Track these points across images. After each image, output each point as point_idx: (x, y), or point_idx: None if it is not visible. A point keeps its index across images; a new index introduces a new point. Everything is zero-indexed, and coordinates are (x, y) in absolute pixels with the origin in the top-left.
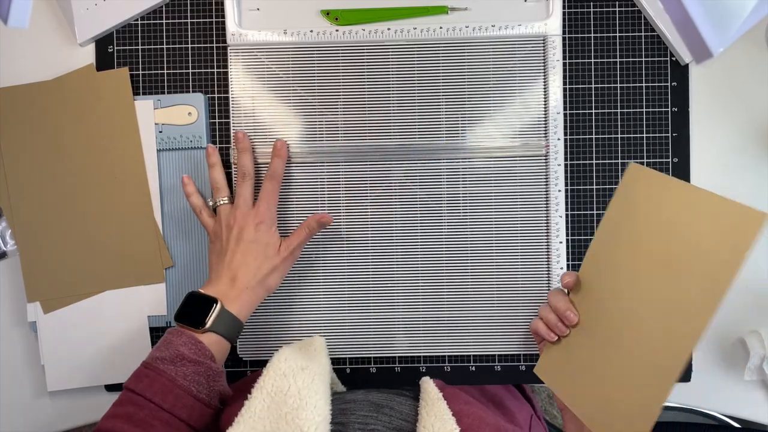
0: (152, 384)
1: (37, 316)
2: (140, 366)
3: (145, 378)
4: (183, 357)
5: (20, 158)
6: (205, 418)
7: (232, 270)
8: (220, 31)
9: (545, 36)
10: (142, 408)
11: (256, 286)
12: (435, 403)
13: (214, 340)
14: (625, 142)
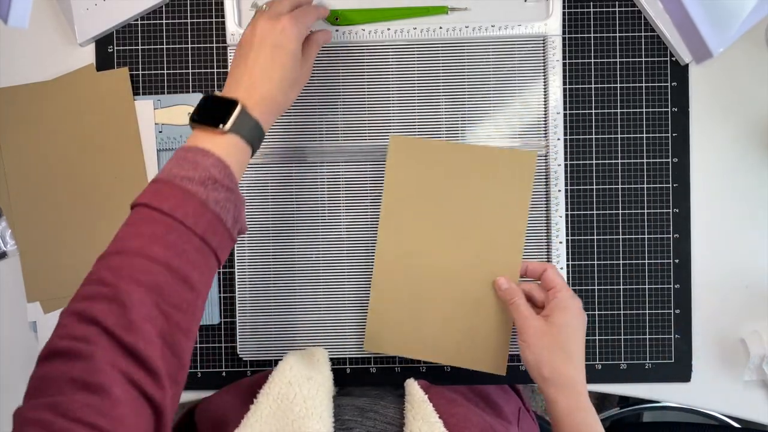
0: (183, 204)
1: (37, 315)
2: (157, 183)
3: (172, 197)
4: (215, 180)
5: (20, 158)
6: (226, 253)
7: (253, 77)
8: (220, 31)
9: (545, 36)
10: (172, 230)
11: (277, 95)
12: (420, 405)
13: (235, 146)
14: (624, 142)
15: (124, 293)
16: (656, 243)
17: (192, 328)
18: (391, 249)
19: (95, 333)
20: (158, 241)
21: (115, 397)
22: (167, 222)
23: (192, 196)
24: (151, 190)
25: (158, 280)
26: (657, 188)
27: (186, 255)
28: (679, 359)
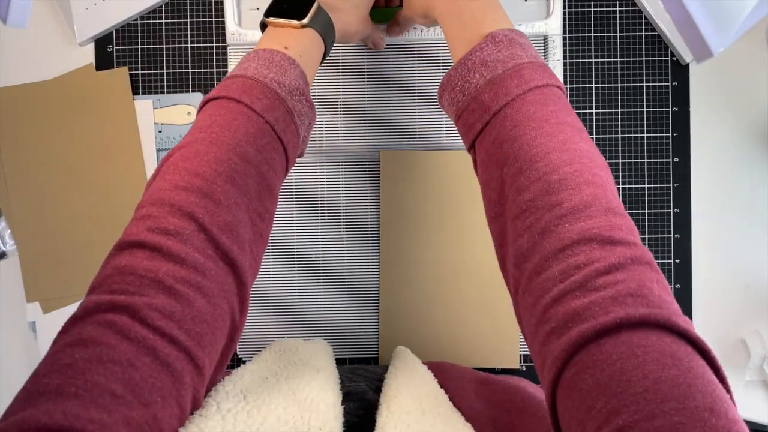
0: (273, 108)
1: (36, 316)
2: (246, 79)
3: (265, 98)
4: (302, 93)
5: (20, 158)
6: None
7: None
8: (220, 31)
9: (546, 35)
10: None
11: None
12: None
13: (312, 42)
14: (625, 142)
15: (219, 191)
16: (657, 243)
17: (267, 239)
18: (395, 260)
19: (192, 230)
20: (252, 142)
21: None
22: (260, 123)
23: (282, 103)
24: (239, 84)
25: (249, 184)
26: (658, 188)
27: (273, 163)
28: None
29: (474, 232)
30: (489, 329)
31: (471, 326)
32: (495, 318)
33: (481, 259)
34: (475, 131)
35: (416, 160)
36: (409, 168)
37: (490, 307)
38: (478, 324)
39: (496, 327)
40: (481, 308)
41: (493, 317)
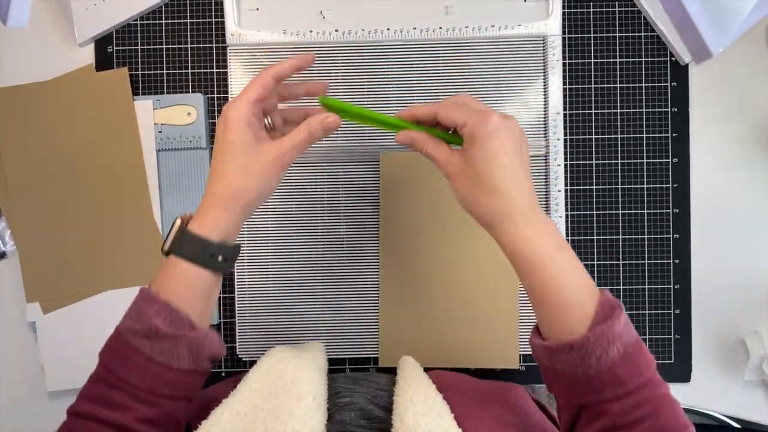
0: (125, 362)
1: (36, 316)
2: (113, 334)
3: (117, 355)
4: (157, 331)
5: (20, 158)
6: (197, 384)
7: (209, 179)
8: (220, 31)
9: (545, 36)
10: (117, 388)
11: (227, 200)
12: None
13: (179, 271)
14: (624, 143)
15: None
16: (656, 243)
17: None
18: (395, 260)
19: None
20: (105, 403)
21: None
22: (114, 380)
23: (134, 351)
24: (107, 343)
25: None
26: (657, 188)
27: (133, 412)
28: (679, 359)
29: (474, 233)
30: (489, 329)
31: (471, 326)
32: (495, 318)
33: (481, 259)
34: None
35: (416, 161)
36: (409, 169)
37: (491, 307)
38: (479, 324)
39: (497, 327)
40: (482, 308)
41: (493, 317)
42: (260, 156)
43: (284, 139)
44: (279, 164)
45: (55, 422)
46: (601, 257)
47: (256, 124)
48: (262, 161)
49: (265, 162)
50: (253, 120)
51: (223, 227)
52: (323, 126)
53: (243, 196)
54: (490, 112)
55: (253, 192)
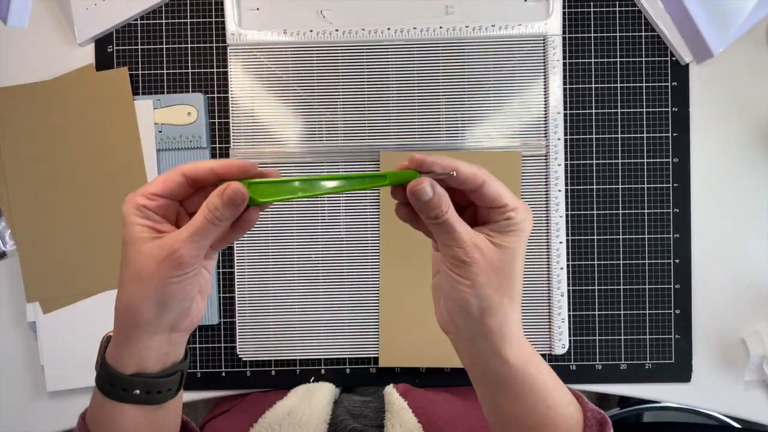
0: None
1: (36, 316)
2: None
3: None
4: None
5: (20, 158)
6: None
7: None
8: (220, 31)
9: (545, 36)
10: None
11: (124, 320)
12: (399, 413)
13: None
14: (625, 142)
15: None
16: (656, 243)
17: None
18: (395, 260)
19: None
20: None
21: None
22: None
23: None
24: None
25: None
26: (657, 188)
27: None
28: (680, 359)
29: None
30: None
31: None
32: None
33: None
34: None
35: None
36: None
37: None
38: None
39: None
40: None
41: None
42: (151, 255)
43: (181, 229)
44: (173, 262)
45: (55, 422)
46: (601, 257)
47: (154, 219)
48: (150, 261)
49: (154, 261)
50: (150, 214)
51: (131, 356)
52: (223, 199)
53: (137, 314)
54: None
55: (148, 306)
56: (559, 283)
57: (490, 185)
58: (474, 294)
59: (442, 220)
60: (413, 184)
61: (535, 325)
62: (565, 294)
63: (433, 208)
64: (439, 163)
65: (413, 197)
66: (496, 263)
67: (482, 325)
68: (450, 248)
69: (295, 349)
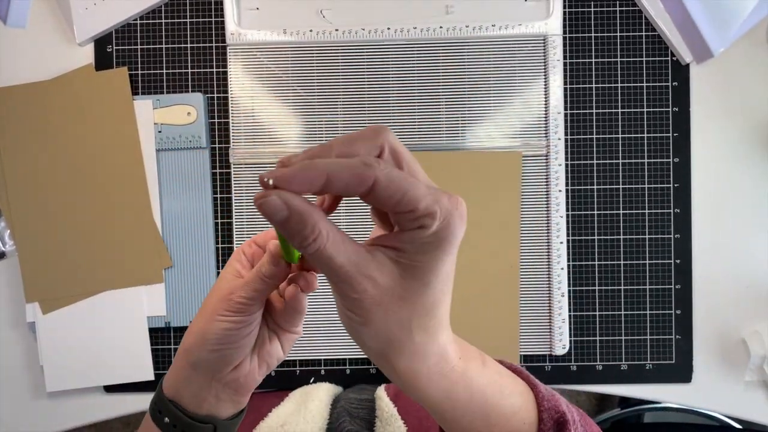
0: None
1: (35, 316)
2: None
3: None
4: None
5: (19, 158)
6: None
7: None
8: (220, 31)
9: (545, 36)
10: None
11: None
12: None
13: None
14: (625, 142)
15: None
16: (657, 243)
17: None
18: None
19: None
20: None
21: None
22: None
23: None
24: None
25: None
26: (658, 188)
27: None
28: (680, 360)
29: (473, 232)
30: (489, 329)
31: (470, 326)
32: (495, 318)
33: (480, 259)
34: None
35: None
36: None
37: (490, 307)
38: (478, 324)
39: (496, 327)
40: (481, 308)
41: (492, 317)
42: (218, 290)
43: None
44: (226, 301)
45: (55, 422)
46: (601, 257)
47: (245, 264)
48: (216, 296)
49: (217, 297)
50: (243, 259)
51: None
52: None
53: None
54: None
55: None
56: (560, 283)
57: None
58: (370, 334)
59: (313, 249)
60: (256, 197)
61: (536, 326)
62: (565, 294)
63: (294, 233)
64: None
65: (266, 217)
66: (398, 292)
67: (386, 365)
68: (331, 281)
69: (295, 350)
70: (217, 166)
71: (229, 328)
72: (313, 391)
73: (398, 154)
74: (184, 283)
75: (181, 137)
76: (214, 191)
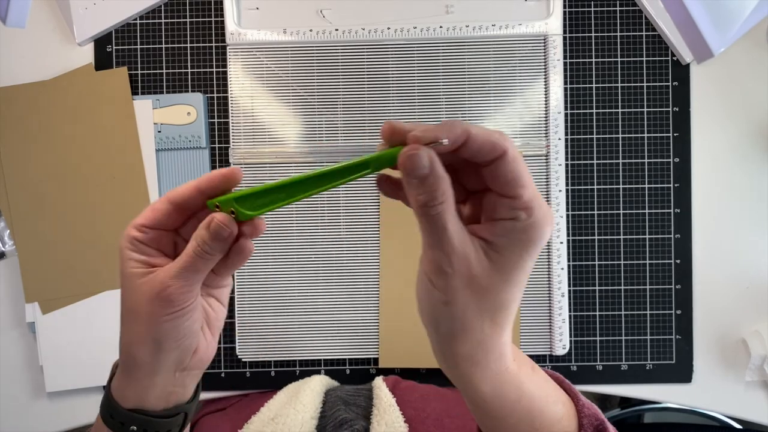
0: None
1: (35, 316)
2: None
3: None
4: None
5: (19, 158)
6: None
7: None
8: (219, 31)
9: (546, 35)
10: None
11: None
12: (387, 410)
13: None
14: (625, 142)
15: None
16: (657, 243)
17: None
18: (395, 260)
19: None
20: None
21: None
22: None
23: None
24: None
25: None
26: (658, 188)
27: None
28: (680, 360)
29: None
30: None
31: None
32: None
33: None
34: None
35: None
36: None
37: None
38: None
39: None
40: None
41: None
42: (141, 293)
43: (171, 264)
44: (163, 300)
45: (55, 422)
46: (601, 257)
47: (148, 252)
48: (142, 299)
49: (145, 300)
50: (142, 248)
51: (132, 391)
52: (211, 230)
53: (134, 355)
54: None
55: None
56: (560, 283)
57: (510, 159)
58: (447, 314)
59: (435, 212)
60: (406, 150)
61: (536, 326)
62: (565, 294)
63: (425, 191)
64: (433, 133)
65: (404, 170)
66: (483, 281)
67: (449, 348)
68: (433, 249)
69: (294, 350)
70: (217, 166)
71: (179, 324)
72: (305, 383)
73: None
74: None
75: (180, 137)
76: None
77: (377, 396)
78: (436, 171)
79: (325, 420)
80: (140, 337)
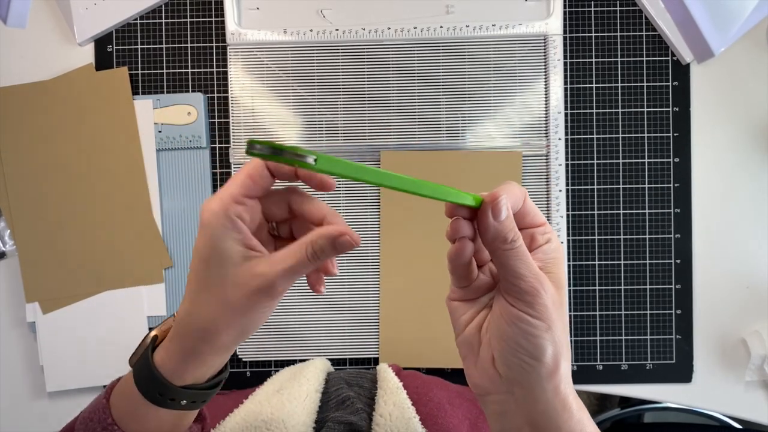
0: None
1: (36, 316)
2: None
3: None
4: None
5: (19, 158)
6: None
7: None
8: (220, 31)
9: (546, 35)
10: None
11: (196, 342)
12: (394, 392)
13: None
14: (626, 142)
15: None
16: (657, 243)
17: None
18: (395, 260)
19: None
20: None
21: None
22: None
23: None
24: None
25: None
26: (658, 188)
27: None
28: (680, 360)
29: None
30: None
31: None
32: None
33: None
34: None
35: (416, 160)
36: (409, 168)
37: None
38: None
39: None
40: None
41: None
42: (242, 283)
43: (277, 258)
44: (268, 295)
45: (55, 422)
46: (602, 257)
47: (244, 230)
48: (242, 291)
49: (247, 291)
50: (241, 226)
51: (194, 371)
52: (335, 245)
53: (217, 339)
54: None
55: (231, 334)
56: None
57: (528, 198)
58: (550, 339)
59: (517, 245)
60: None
61: None
62: (566, 294)
63: (508, 230)
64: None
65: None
66: (558, 300)
67: (555, 375)
68: (523, 279)
69: (295, 349)
70: (217, 166)
71: (268, 313)
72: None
73: None
74: (184, 283)
75: (181, 137)
76: (214, 191)
77: (383, 379)
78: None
79: (328, 396)
80: (229, 325)
